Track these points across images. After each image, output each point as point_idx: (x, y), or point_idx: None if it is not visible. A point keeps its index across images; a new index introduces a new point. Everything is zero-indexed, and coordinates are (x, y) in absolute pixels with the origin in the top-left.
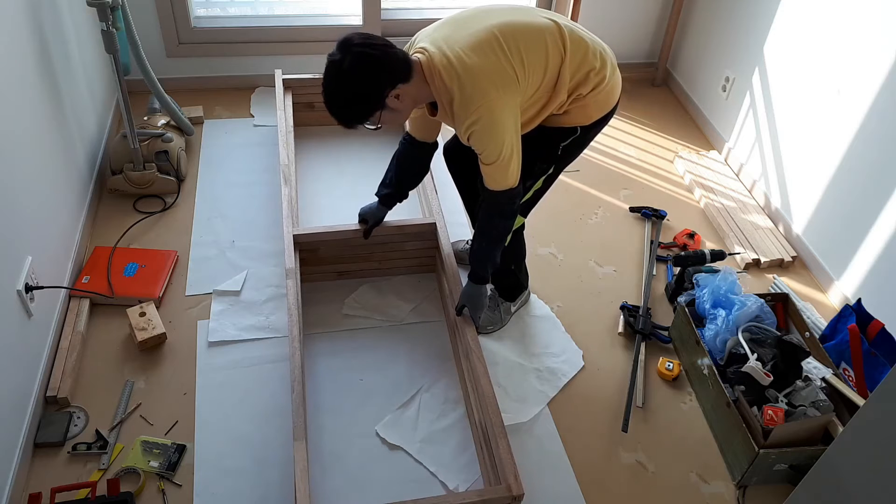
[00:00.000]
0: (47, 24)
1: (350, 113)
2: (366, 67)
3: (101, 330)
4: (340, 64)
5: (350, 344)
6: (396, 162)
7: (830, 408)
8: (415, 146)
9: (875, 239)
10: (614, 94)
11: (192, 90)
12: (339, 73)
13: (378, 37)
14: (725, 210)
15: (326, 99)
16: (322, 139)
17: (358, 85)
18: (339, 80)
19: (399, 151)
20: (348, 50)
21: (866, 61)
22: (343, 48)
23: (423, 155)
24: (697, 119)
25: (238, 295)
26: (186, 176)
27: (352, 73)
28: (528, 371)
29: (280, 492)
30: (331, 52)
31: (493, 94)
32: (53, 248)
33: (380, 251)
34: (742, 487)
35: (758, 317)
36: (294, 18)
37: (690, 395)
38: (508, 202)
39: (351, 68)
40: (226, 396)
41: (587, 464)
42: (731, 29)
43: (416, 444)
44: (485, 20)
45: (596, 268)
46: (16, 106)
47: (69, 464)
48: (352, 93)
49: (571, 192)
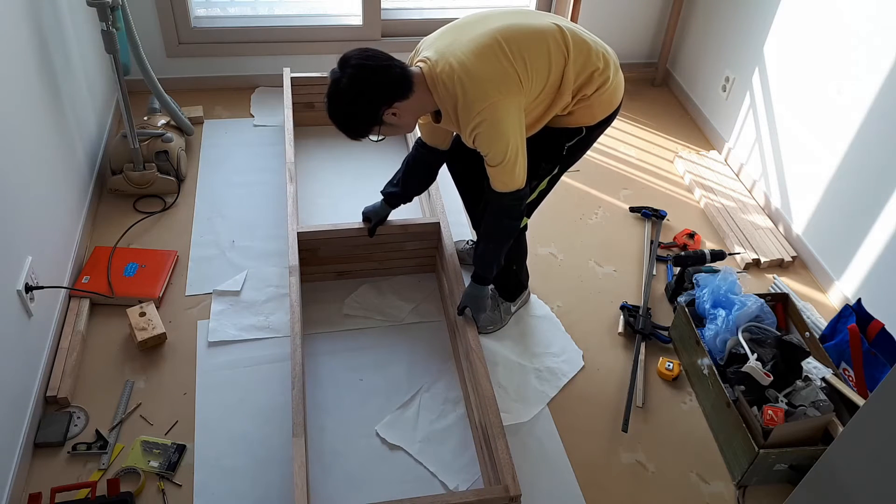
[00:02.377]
0: (47, 24)
1: (349, 129)
2: (360, 88)
3: (101, 330)
4: (338, 83)
5: (350, 344)
6: (406, 164)
7: (830, 408)
8: (426, 150)
9: (875, 239)
10: (618, 94)
11: (192, 90)
12: (337, 92)
13: (377, 53)
14: (725, 210)
15: (329, 115)
16: (321, 139)
17: (352, 105)
18: (337, 99)
19: (410, 154)
20: (345, 69)
21: (866, 61)
22: (342, 66)
23: (432, 160)
24: (697, 119)
25: (238, 295)
26: (186, 176)
27: (347, 94)
28: (528, 371)
29: (280, 492)
30: (333, 69)
31: (495, 97)
32: (53, 248)
33: (380, 251)
34: (742, 487)
35: (758, 317)
36: (294, 18)
37: (690, 395)
38: (515, 203)
39: (346, 88)
40: (226, 396)
41: (587, 464)
42: (731, 29)
43: (415, 444)
44: (487, 25)
45: (596, 268)
46: (16, 106)
47: (69, 464)
48: (348, 111)
49: (571, 192)
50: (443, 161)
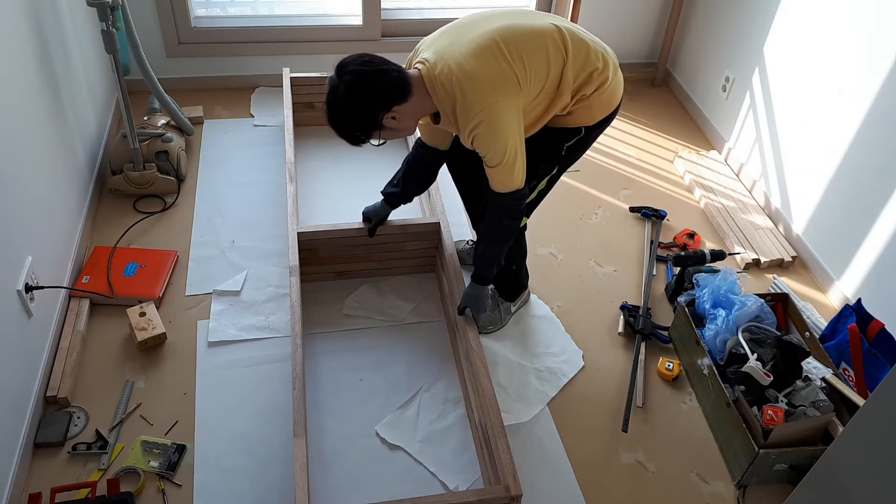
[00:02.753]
0: (47, 24)
1: (348, 134)
2: (358, 94)
3: (101, 330)
4: (336, 90)
5: (350, 344)
6: (406, 164)
7: (830, 408)
8: (425, 150)
9: (875, 239)
10: (617, 94)
11: (192, 90)
12: (335, 99)
13: (374, 58)
14: (725, 210)
15: (328, 121)
16: (321, 139)
17: (350, 112)
18: (335, 106)
19: (410, 154)
20: (343, 76)
21: (866, 61)
22: (339, 73)
23: (432, 160)
24: (697, 119)
25: (238, 295)
26: (186, 176)
27: (345, 101)
28: (528, 371)
29: (280, 491)
30: (330, 76)
31: (494, 98)
32: (53, 248)
33: (380, 251)
34: (742, 487)
35: (758, 317)
36: (294, 18)
37: (690, 395)
38: (514, 203)
39: (344, 95)
40: (226, 396)
41: (587, 464)
42: (731, 29)
43: (416, 444)
44: (485, 26)
45: (596, 268)
46: (16, 106)
47: (69, 464)
48: (347, 118)
49: (571, 192)
50: (443, 161)
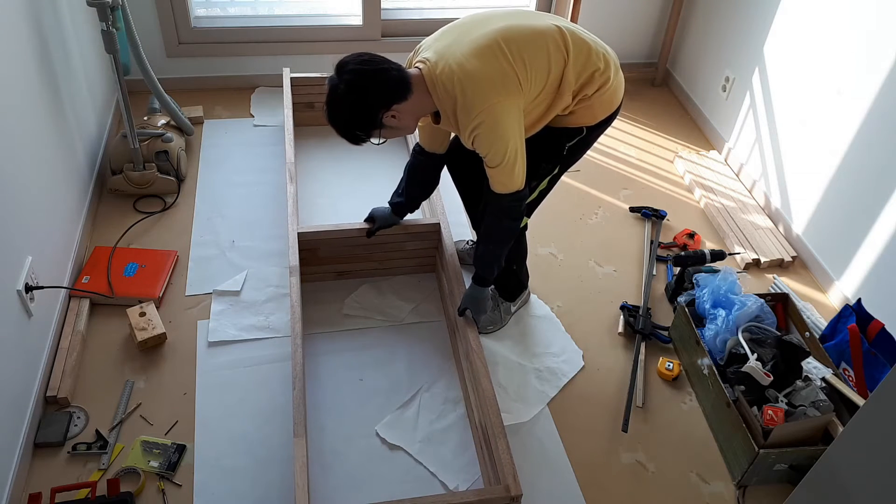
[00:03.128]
0: (47, 24)
1: (349, 134)
2: (358, 93)
3: (101, 330)
4: (336, 90)
5: (350, 344)
6: (406, 171)
7: (830, 408)
8: (424, 156)
9: (875, 239)
10: (618, 94)
11: (192, 90)
12: (335, 98)
13: (374, 57)
14: (725, 210)
15: (328, 120)
16: (321, 139)
17: (350, 111)
18: (335, 105)
19: (410, 161)
20: (342, 75)
21: (866, 61)
22: (339, 72)
23: (431, 165)
24: (697, 119)
25: (238, 295)
26: (186, 176)
27: (345, 100)
28: (528, 371)
29: (280, 491)
30: (330, 75)
31: (494, 98)
32: (53, 248)
33: (380, 251)
34: (742, 487)
35: (758, 317)
36: (294, 18)
37: (690, 395)
38: (515, 204)
39: (344, 94)
40: (226, 396)
41: (587, 464)
42: (731, 29)
43: (416, 444)
44: (486, 26)
45: (596, 268)
46: (16, 106)
47: (69, 464)
48: (347, 117)
49: (571, 192)
50: (442, 164)
